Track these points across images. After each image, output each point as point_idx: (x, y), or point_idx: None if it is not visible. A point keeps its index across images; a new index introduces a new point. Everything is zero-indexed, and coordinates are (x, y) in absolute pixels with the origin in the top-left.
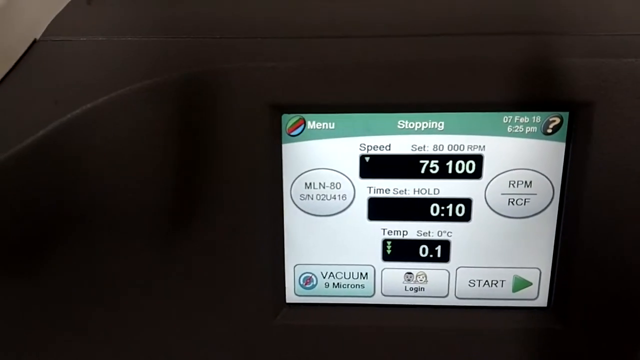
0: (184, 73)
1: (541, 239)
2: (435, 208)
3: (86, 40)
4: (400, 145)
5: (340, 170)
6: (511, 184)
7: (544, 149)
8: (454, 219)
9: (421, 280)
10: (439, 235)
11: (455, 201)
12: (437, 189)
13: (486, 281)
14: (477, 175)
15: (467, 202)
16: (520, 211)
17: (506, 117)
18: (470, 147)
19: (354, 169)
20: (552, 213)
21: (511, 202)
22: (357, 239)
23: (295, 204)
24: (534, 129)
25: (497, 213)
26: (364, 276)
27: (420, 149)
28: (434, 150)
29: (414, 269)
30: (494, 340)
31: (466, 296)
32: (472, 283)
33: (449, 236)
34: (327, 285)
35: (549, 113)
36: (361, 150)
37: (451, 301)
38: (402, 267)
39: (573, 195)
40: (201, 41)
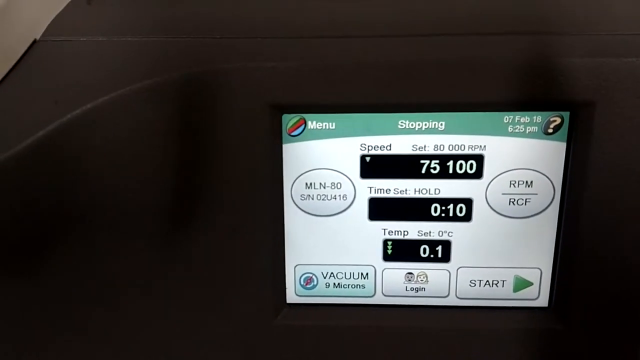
0: (184, 73)
1: (542, 239)
2: (436, 208)
3: (86, 41)
4: (400, 145)
5: (340, 171)
6: (512, 184)
7: (544, 149)
8: (455, 219)
9: (422, 280)
10: (439, 235)
11: (456, 201)
12: (437, 189)
13: (487, 281)
14: (478, 175)
15: (467, 202)
16: (521, 211)
17: (507, 117)
18: (471, 147)
19: (355, 169)
20: (553, 213)
21: (512, 202)
22: (357, 239)
23: (295, 204)
24: (534, 128)
25: (498, 213)
26: (364, 276)
27: (421, 149)
28: (434, 150)
29: (415, 269)
30: (494, 340)
31: (467, 296)
32: (472, 283)
33: (449, 236)
34: (327, 285)
35: (550, 113)
36: (362, 150)
37: (452, 301)
38: (402, 267)
39: (574, 195)
40: (201, 41)
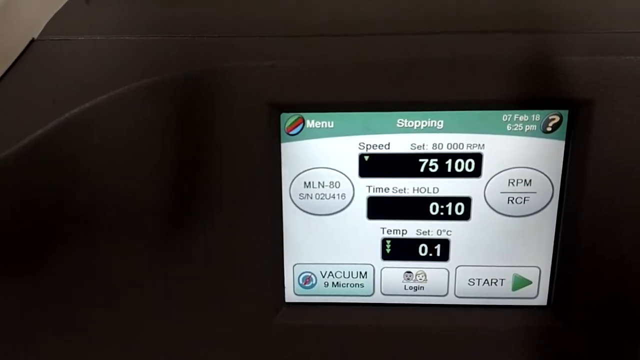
0: (182, 72)
1: (541, 238)
2: (434, 207)
3: (84, 40)
4: (399, 144)
5: (339, 169)
6: (511, 182)
7: (543, 148)
8: (454, 217)
9: (421, 279)
10: (438, 234)
11: (454, 200)
12: (436, 187)
13: (486, 280)
14: (477, 173)
15: (466, 200)
16: (520, 210)
17: (506, 116)
18: (469, 146)
19: (353, 168)
20: (552, 211)
21: (511, 200)
22: (356, 238)
23: (294, 203)
24: (533, 127)
25: (496, 212)
26: (363, 275)
27: (420, 147)
28: (433, 148)
29: (414, 267)
30: (493, 339)
31: (466, 295)
32: (471, 282)
33: (448, 235)
34: (326, 284)
35: (549, 111)
36: (360, 149)
37: (451, 300)
38: (401, 266)
39: (573, 193)
40: (200, 40)
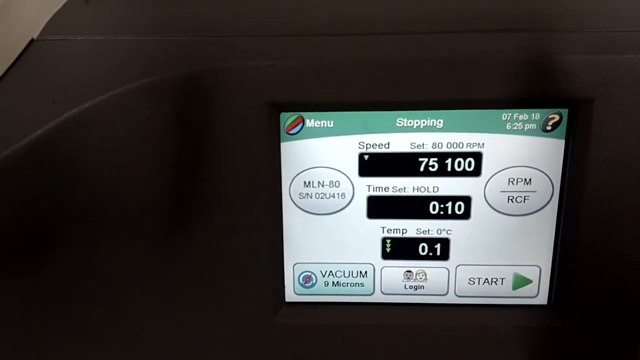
0: (182, 72)
1: (541, 237)
2: (434, 206)
3: (84, 40)
4: (399, 143)
5: (339, 169)
6: (510, 181)
7: (543, 146)
8: (454, 216)
9: (421, 278)
10: (438, 233)
11: (454, 199)
12: (436, 186)
13: (486, 279)
14: (477, 172)
15: (466, 199)
16: (520, 209)
17: (505, 115)
18: (469, 145)
19: (353, 167)
20: (552, 210)
21: (511, 199)
22: (356, 238)
23: (294, 202)
24: (533, 126)
25: (496, 211)
26: (363, 274)
27: (419, 146)
28: (433, 148)
29: (414, 267)
30: (493, 338)
31: (466, 294)
32: (471, 281)
33: (448, 234)
34: (326, 284)
35: (548, 110)
36: (360, 148)
37: (451, 299)
38: (401, 266)
39: (573, 192)
40: (199, 40)
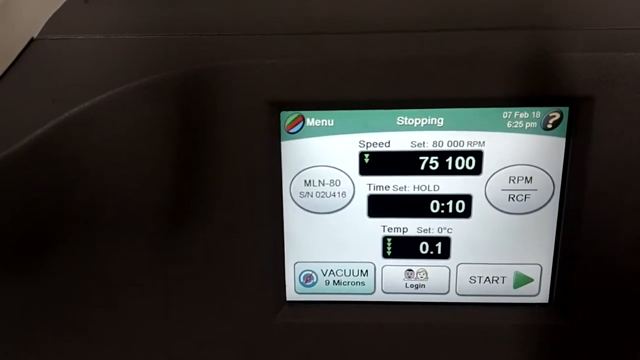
0: (182, 71)
1: (542, 235)
2: (435, 204)
3: (83, 39)
4: (399, 141)
5: (339, 168)
6: (511, 179)
7: (544, 145)
8: (454, 215)
9: (422, 277)
10: (439, 232)
11: (455, 197)
12: (437, 185)
13: (487, 277)
14: (477, 171)
15: (467, 198)
16: (521, 207)
17: (506, 113)
18: (470, 143)
19: (354, 166)
20: (553, 209)
21: (511, 198)
22: (357, 236)
23: (294, 201)
24: (533, 124)
25: (497, 209)
26: (364, 273)
27: (420, 145)
28: (433, 146)
29: (415, 265)
30: (495, 337)
31: (467, 293)
32: (472, 279)
33: (449, 233)
34: (327, 282)
35: (549, 108)
36: (360, 147)
37: (452, 298)
38: (402, 264)
39: (574, 190)
40: (199, 38)
